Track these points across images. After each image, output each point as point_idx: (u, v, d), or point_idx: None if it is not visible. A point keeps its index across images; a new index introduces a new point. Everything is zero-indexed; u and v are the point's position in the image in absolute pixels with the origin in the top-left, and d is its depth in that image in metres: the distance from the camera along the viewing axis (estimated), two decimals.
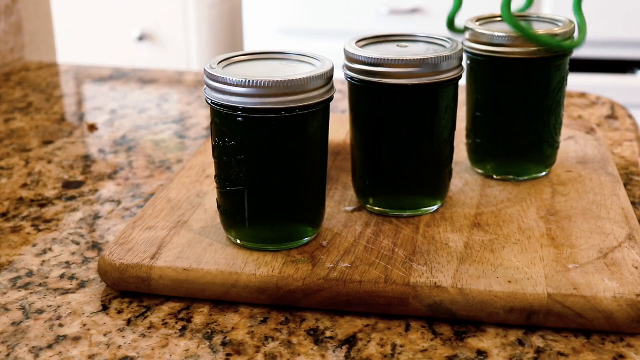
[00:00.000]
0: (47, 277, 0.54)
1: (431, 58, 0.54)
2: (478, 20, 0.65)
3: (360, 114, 0.57)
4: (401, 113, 0.56)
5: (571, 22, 0.63)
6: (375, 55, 0.54)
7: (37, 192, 0.68)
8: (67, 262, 0.56)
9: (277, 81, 0.49)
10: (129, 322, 0.49)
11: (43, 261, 0.57)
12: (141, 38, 2.20)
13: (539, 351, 0.46)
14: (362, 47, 0.57)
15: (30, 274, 0.55)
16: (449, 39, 0.58)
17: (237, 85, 0.49)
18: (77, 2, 2.20)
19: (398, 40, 0.59)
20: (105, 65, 1.13)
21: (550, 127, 0.64)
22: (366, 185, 0.59)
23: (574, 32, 0.62)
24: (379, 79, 0.54)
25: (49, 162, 0.75)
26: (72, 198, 0.67)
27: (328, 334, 0.48)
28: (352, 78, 0.56)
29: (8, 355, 0.46)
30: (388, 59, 0.54)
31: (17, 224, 0.62)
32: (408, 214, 0.58)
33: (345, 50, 0.56)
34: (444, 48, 0.57)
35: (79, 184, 0.70)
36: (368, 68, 0.54)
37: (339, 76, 0.64)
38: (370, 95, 0.56)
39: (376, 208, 0.58)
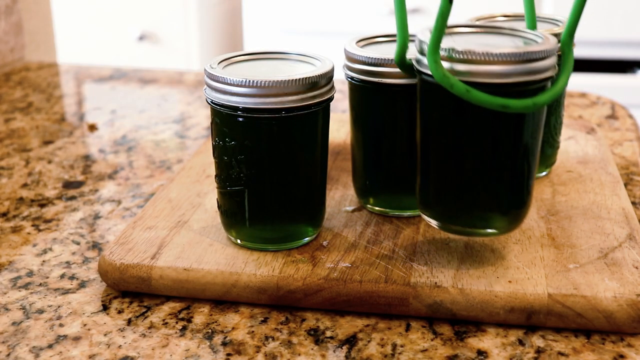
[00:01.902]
0: (47, 277, 0.54)
1: None
2: (478, 20, 0.65)
3: (360, 114, 0.58)
4: (401, 113, 0.56)
5: None
6: (375, 55, 0.54)
7: (37, 192, 0.68)
8: (67, 262, 0.56)
9: (277, 81, 0.49)
10: (129, 322, 0.49)
11: (43, 261, 0.57)
12: (141, 38, 2.20)
13: (539, 351, 0.46)
14: (362, 47, 0.57)
15: (30, 273, 0.55)
16: None
17: (237, 85, 0.49)
18: (77, 2, 2.20)
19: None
20: (105, 65, 1.13)
21: (550, 127, 0.64)
22: (366, 185, 0.59)
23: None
24: (379, 79, 0.54)
25: (49, 162, 0.75)
26: (72, 198, 0.67)
27: (328, 333, 0.48)
28: (352, 78, 0.56)
29: (8, 355, 0.46)
30: (388, 59, 0.54)
31: (17, 223, 0.62)
32: (408, 213, 0.58)
33: (345, 50, 0.56)
34: None
35: (79, 184, 0.70)
36: (368, 68, 0.54)
37: (339, 76, 0.64)
38: (370, 95, 0.56)
39: (376, 208, 0.58)
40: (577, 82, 1.72)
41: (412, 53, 0.50)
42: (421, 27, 0.49)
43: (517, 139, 0.48)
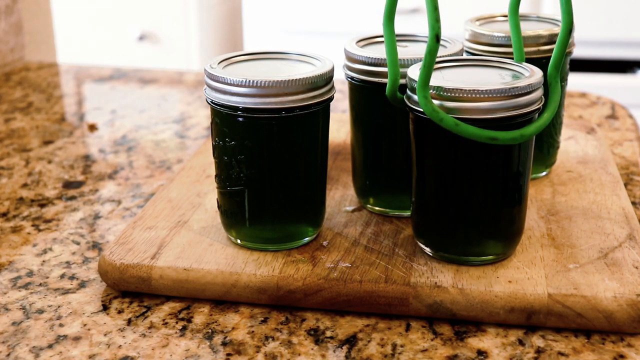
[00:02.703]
0: (47, 277, 0.54)
1: None
2: (478, 20, 0.65)
3: (360, 114, 0.58)
4: (401, 113, 0.55)
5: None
6: (375, 55, 0.54)
7: (37, 192, 0.68)
8: (67, 262, 0.56)
9: (277, 81, 0.49)
10: (129, 321, 0.49)
11: (43, 261, 0.57)
12: (141, 38, 2.20)
13: (539, 351, 0.46)
14: (362, 47, 0.57)
15: (30, 273, 0.55)
16: (448, 39, 0.58)
17: (237, 85, 0.49)
18: (77, 2, 2.20)
19: (398, 40, 0.59)
20: (105, 65, 1.13)
21: (550, 127, 0.64)
22: (366, 185, 0.59)
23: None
24: (379, 79, 0.54)
25: (49, 162, 0.75)
26: (72, 198, 0.67)
27: (328, 333, 0.48)
28: (352, 78, 0.56)
29: (8, 355, 0.46)
30: None
31: (18, 223, 0.62)
32: (408, 213, 0.58)
33: (345, 50, 0.56)
34: (444, 48, 0.57)
35: (79, 184, 0.70)
36: (368, 68, 0.54)
37: (339, 76, 0.64)
38: (370, 95, 0.56)
39: (376, 208, 0.58)
40: (577, 82, 1.72)
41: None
42: (419, 28, 0.49)
43: (506, 168, 0.49)
